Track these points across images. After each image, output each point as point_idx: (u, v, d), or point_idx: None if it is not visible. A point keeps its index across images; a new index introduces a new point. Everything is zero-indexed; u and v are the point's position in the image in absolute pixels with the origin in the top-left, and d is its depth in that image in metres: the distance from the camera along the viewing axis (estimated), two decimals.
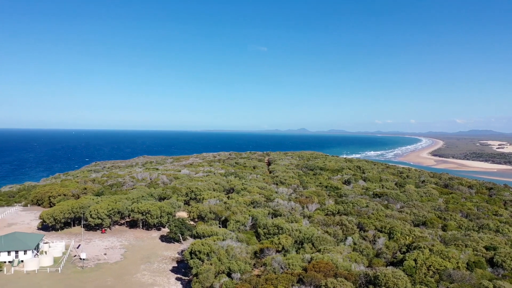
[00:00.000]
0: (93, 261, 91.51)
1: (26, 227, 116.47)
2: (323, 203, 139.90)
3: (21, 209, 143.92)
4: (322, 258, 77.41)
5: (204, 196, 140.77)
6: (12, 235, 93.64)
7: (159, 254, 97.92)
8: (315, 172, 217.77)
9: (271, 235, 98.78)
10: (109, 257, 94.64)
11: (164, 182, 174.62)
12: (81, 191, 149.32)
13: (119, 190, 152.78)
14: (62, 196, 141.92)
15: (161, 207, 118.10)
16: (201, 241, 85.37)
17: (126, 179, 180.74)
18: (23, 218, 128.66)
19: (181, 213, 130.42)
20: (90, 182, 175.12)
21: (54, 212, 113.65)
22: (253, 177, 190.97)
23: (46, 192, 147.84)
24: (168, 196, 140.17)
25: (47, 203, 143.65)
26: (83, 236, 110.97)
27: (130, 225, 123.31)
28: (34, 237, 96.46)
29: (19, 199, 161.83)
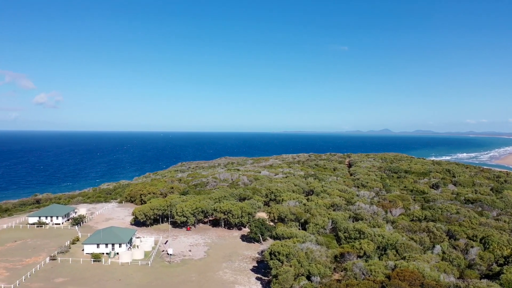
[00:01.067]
0: (179, 257, 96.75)
1: (121, 222, 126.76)
2: (408, 208, 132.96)
3: (117, 205, 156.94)
4: (407, 266, 73.60)
5: (283, 197, 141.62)
6: (109, 229, 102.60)
7: (240, 253, 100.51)
8: (399, 175, 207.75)
9: (351, 240, 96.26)
10: (193, 254, 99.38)
11: (245, 182, 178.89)
12: (169, 190, 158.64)
13: (203, 190, 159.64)
14: (152, 194, 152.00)
15: (242, 208, 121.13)
16: (281, 243, 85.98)
17: (209, 179, 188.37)
18: (118, 214, 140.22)
19: (261, 214, 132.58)
20: (177, 182, 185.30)
21: (144, 209, 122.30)
22: (333, 179, 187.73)
23: (138, 191, 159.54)
24: (248, 196, 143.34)
25: (138, 200, 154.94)
26: (170, 232, 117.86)
27: (213, 223, 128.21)
28: (128, 232, 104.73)
29: (114, 196, 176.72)
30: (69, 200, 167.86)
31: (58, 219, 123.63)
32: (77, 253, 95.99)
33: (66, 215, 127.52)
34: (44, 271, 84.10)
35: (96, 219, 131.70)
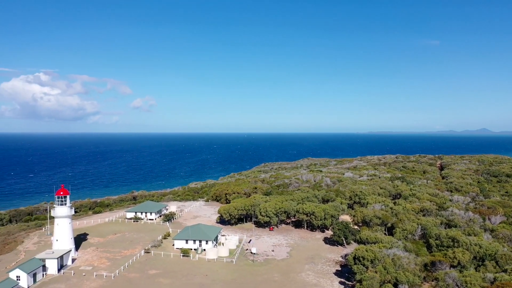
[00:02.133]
0: (262, 256, 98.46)
1: (207, 220, 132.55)
2: (510, 216, 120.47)
3: (204, 204, 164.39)
4: (509, 280, 66.78)
5: (368, 200, 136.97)
6: (197, 226, 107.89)
7: (322, 256, 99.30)
8: (500, 179, 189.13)
9: (444, 248, 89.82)
10: (276, 254, 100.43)
11: (328, 184, 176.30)
12: (252, 190, 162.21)
13: (285, 191, 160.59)
14: (236, 194, 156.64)
15: (325, 210, 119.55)
16: (365, 247, 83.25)
17: (291, 180, 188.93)
18: (205, 212, 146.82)
19: (344, 217, 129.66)
20: (260, 182, 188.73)
21: (229, 208, 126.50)
22: (422, 183, 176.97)
23: (223, 190, 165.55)
24: (331, 198, 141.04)
25: (224, 199, 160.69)
26: (253, 232, 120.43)
27: (295, 225, 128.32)
28: (214, 230, 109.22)
29: (202, 194, 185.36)
30: (161, 198, 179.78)
31: (151, 215, 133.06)
32: (168, 247, 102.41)
33: (159, 212, 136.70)
34: (139, 263, 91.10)
35: (185, 216, 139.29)
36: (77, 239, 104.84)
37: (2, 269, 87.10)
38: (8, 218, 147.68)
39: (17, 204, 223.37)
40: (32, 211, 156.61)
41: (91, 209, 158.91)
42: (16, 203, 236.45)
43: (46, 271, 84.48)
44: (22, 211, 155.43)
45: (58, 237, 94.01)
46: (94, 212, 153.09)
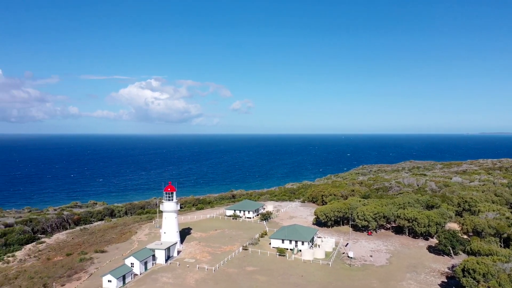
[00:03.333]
0: (359, 261, 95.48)
1: (303, 221, 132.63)
2: None
3: (300, 205, 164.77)
4: None
5: (480, 208, 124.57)
6: (293, 226, 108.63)
7: (426, 265, 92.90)
8: None
9: None
10: (374, 260, 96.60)
11: (433, 189, 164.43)
12: (349, 192, 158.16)
13: (385, 194, 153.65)
14: (333, 196, 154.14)
15: (429, 216, 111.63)
16: (477, 259, 75.85)
17: (392, 183, 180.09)
18: (301, 213, 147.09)
19: (451, 225, 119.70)
20: (358, 185, 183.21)
21: (326, 210, 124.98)
22: None
23: (319, 191, 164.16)
24: (436, 204, 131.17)
25: (320, 201, 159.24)
26: (350, 235, 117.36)
27: (396, 230, 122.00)
28: (310, 231, 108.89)
29: (298, 195, 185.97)
30: (259, 197, 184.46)
31: (249, 213, 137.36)
32: (264, 246, 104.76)
33: (256, 210, 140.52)
34: (237, 259, 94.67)
35: (281, 216, 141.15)
36: (182, 233, 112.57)
37: (119, 256, 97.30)
38: (124, 211, 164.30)
39: (131, 198, 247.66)
40: (144, 205, 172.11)
41: (194, 206, 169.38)
42: (130, 197, 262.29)
43: (156, 260, 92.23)
44: (136, 205, 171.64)
45: (166, 230, 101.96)
46: (197, 208, 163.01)
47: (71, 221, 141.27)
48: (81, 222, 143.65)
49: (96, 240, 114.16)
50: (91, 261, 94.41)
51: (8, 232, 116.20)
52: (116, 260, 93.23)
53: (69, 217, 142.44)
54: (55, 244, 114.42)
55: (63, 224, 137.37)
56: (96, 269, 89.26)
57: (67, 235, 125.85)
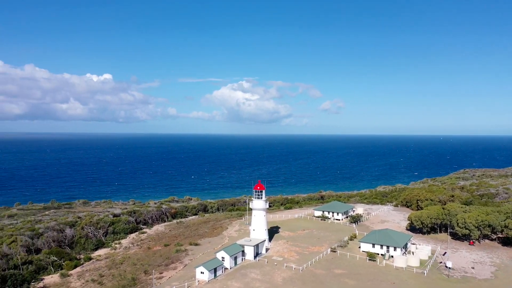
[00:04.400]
0: (459, 272, 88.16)
1: (395, 226, 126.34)
2: None
3: (392, 209, 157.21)
4: None
5: None
6: (385, 231, 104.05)
7: None
8: None
9: None
10: (477, 272, 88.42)
11: None
12: (448, 198, 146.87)
13: (490, 202, 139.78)
14: (429, 200, 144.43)
15: None
16: None
17: (499, 190, 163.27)
18: (393, 217, 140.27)
19: None
20: (458, 190, 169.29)
21: (421, 215, 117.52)
22: None
23: (414, 196, 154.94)
24: None
25: (414, 206, 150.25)
26: (449, 244, 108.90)
27: (503, 242, 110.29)
28: (403, 236, 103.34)
29: (390, 199, 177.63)
30: (348, 199, 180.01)
31: (338, 215, 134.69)
32: (353, 249, 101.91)
33: (345, 212, 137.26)
34: (325, 261, 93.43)
35: (372, 219, 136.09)
36: (270, 231, 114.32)
37: (211, 249, 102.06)
38: (216, 207, 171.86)
39: (222, 195, 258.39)
40: (234, 202, 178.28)
41: (283, 205, 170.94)
42: (221, 194, 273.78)
43: (245, 256, 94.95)
44: (227, 202, 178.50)
45: (255, 227, 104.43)
46: (285, 207, 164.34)
47: (169, 214, 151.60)
48: (178, 215, 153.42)
49: (190, 233, 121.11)
50: (185, 253, 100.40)
51: (115, 222, 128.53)
52: (208, 254, 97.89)
53: (167, 211, 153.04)
54: (154, 235, 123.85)
55: (161, 217, 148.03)
56: (190, 260, 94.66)
57: (165, 227, 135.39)
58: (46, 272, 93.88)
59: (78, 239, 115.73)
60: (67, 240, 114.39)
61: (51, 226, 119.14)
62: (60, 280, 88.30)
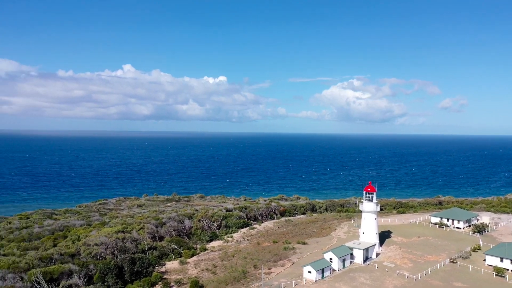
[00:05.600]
0: None
1: None
2: None
3: None
4: None
5: None
6: None
7: None
8: None
9: None
10: None
11: None
12: None
13: None
14: None
15: None
16: None
17: None
18: None
19: None
20: None
21: None
22: None
23: None
24: None
25: None
26: None
27: None
28: None
29: None
30: (471, 206, 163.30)
31: (459, 223, 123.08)
32: (477, 261, 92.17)
33: (468, 221, 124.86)
34: (443, 271, 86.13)
35: (500, 230, 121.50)
36: (381, 235, 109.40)
37: (318, 249, 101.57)
38: (324, 207, 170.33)
39: (330, 195, 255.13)
40: (343, 203, 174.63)
41: (396, 209, 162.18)
42: (329, 194, 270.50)
43: (353, 259, 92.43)
44: (336, 203, 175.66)
45: (365, 230, 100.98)
46: (398, 212, 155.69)
47: (278, 211, 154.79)
48: (286, 213, 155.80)
49: (298, 232, 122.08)
50: (293, 251, 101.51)
51: (228, 216, 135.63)
52: (316, 253, 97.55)
53: (276, 208, 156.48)
54: (264, 231, 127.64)
55: (270, 214, 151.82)
56: (298, 259, 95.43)
57: (274, 224, 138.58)
58: (167, 258, 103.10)
59: (195, 230, 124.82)
60: (185, 231, 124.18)
61: (172, 217, 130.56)
62: (180, 267, 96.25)
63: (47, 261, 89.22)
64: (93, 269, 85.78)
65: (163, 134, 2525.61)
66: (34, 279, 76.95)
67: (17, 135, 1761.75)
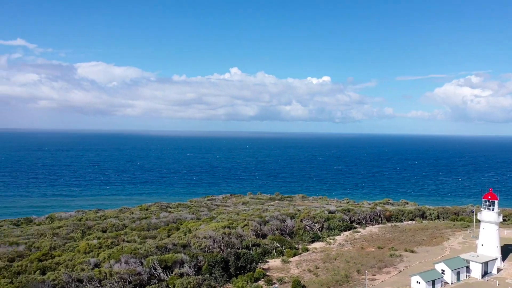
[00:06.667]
0: None
1: None
2: None
3: None
4: None
5: None
6: None
7: None
8: None
9: None
10: None
11: None
12: None
13: None
14: None
15: None
16: None
17: None
18: None
19: None
20: None
21: None
22: None
23: None
24: None
25: None
26: None
27: None
28: None
29: None
30: None
31: None
32: None
33: None
34: None
35: None
36: (504, 249, 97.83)
37: (428, 259, 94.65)
38: (436, 214, 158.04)
39: (442, 202, 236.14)
40: (458, 211, 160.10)
41: None
42: (441, 201, 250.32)
43: (469, 273, 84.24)
44: (449, 210, 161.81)
45: (483, 242, 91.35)
46: None
47: (383, 216, 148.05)
48: (392, 219, 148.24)
49: (405, 239, 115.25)
50: (400, 259, 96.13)
51: (330, 218, 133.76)
52: (425, 263, 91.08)
53: (381, 212, 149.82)
54: (368, 235, 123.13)
55: (375, 218, 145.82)
56: (405, 267, 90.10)
57: (379, 229, 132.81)
58: (270, 256, 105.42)
59: (297, 230, 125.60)
60: (287, 230, 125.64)
61: (275, 216, 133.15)
62: (282, 265, 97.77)
63: (162, 249, 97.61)
64: (202, 260, 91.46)
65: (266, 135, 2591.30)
66: (152, 265, 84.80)
67: (138, 135, 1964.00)
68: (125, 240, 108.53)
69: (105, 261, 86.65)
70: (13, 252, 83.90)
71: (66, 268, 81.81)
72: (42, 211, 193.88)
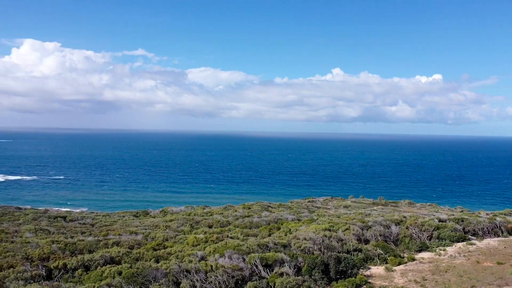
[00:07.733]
0: None
1: None
2: None
3: None
4: None
5: None
6: None
7: None
8: None
9: None
10: None
11: None
12: None
13: None
14: None
15: None
16: None
17: None
18: None
19: None
20: None
21: None
22: None
23: None
24: None
25: None
26: None
27: None
28: None
29: None
30: None
31: None
32: None
33: None
34: None
35: None
36: None
37: None
38: None
39: None
40: None
41: None
42: None
43: None
44: None
45: None
46: None
47: (504, 228, 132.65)
48: None
49: None
50: None
51: (440, 227, 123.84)
52: None
53: (502, 224, 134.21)
54: (485, 249, 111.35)
55: (494, 230, 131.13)
56: None
57: (499, 242, 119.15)
58: (372, 263, 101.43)
59: (402, 238, 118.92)
60: (392, 237, 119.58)
61: (379, 221, 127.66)
62: (385, 273, 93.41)
63: (263, 248, 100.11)
64: (301, 261, 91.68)
65: (370, 136, 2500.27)
66: (253, 262, 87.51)
67: (242, 136, 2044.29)
68: (228, 236, 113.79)
69: (211, 255, 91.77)
70: (132, 241, 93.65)
71: (177, 258, 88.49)
72: (156, 205, 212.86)
